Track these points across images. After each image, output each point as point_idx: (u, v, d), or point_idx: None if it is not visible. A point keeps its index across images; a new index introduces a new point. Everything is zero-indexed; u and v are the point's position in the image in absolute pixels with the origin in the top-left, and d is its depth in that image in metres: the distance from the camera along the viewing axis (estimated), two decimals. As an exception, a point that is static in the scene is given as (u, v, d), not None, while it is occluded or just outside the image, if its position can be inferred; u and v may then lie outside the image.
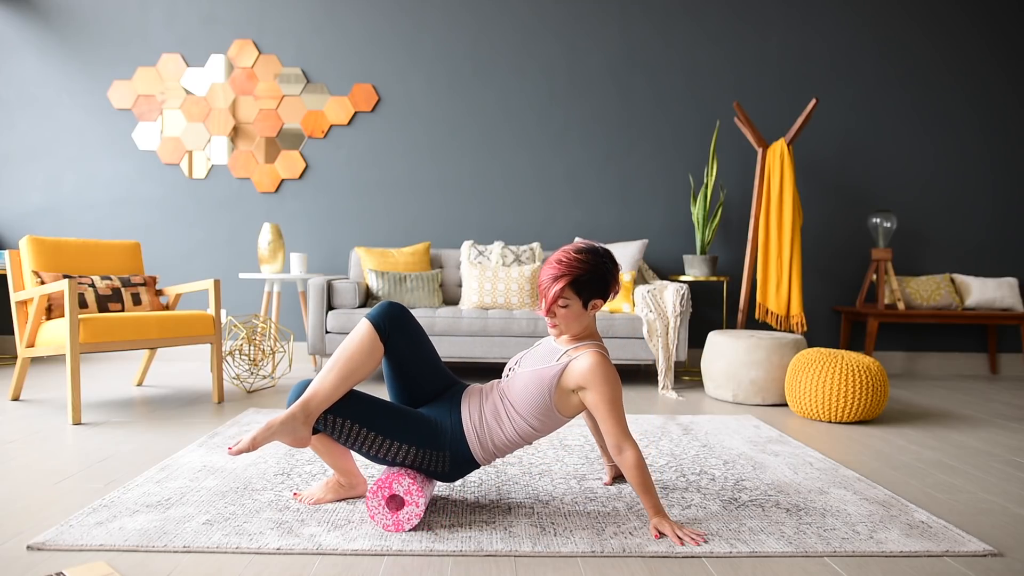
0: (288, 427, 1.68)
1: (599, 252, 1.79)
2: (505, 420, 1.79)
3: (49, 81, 4.62)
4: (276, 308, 4.24)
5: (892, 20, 4.76)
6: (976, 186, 4.82)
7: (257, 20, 4.65)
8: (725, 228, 4.77)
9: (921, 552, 1.63)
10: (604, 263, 1.77)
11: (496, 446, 1.81)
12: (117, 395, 3.45)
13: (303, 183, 4.70)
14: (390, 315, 1.81)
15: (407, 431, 1.75)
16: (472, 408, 1.81)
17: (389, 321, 1.80)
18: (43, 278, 3.14)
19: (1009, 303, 4.54)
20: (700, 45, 4.72)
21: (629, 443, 1.73)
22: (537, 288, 1.80)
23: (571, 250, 1.77)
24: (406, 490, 1.69)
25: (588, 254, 1.77)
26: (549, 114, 4.71)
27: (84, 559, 1.52)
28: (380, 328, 1.79)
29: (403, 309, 1.85)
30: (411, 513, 1.70)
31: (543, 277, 1.77)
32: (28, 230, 4.63)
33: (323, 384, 1.72)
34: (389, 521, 1.70)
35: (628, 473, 1.73)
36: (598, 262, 1.76)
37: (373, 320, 1.80)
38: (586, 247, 1.79)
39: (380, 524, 1.71)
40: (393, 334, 1.81)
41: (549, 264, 1.77)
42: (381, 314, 1.81)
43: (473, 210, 4.73)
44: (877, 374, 3.08)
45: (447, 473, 1.81)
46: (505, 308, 3.99)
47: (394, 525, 1.70)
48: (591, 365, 1.71)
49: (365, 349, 1.77)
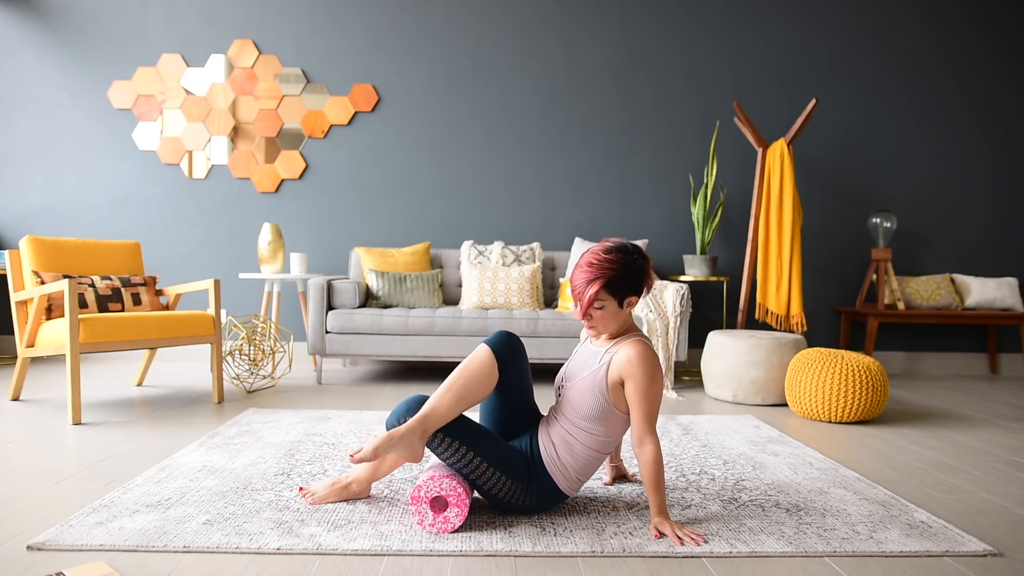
0: (407, 440, 1.70)
1: (628, 249, 1.78)
2: (575, 443, 1.80)
3: (49, 81, 4.62)
4: (276, 308, 4.24)
5: (892, 20, 4.76)
6: (976, 186, 4.82)
7: (257, 20, 4.65)
8: (725, 228, 4.77)
9: (921, 552, 1.63)
10: (635, 260, 1.77)
11: (578, 472, 1.82)
12: (117, 395, 3.45)
13: (303, 183, 4.70)
14: (509, 344, 1.82)
15: (505, 462, 1.77)
16: (545, 440, 1.83)
17: (507, 350, 1.82)
18: (43, 278, 3.14)
19: (1009, 303, 4.54)
20: (700, 45, 4.72)
21: (652, 438, 1.74)
22: (572, 293, 1.78)
23: (600, 251, 1.76)
24: (450, 490, 1.71)
25: (618, 253, 1.76)
26: (549, 114, 4.71)
27: (84, 559, 1.52)
28: (499, 355, 1.80)
29: (519, 341, 1.87)
30: (456, 513, 1.70)
31: (576, 282, 1.76)
32: (28, 230, 4.63)
33: (440, 403, 1.73)
34: (434, 522, 1.70)
35: (645, 468, 1.73)
36: (629, 260, 1.76)
37: (493, 347, 1.81)
38: (615, 246, 1.78)
39: (426, 527, 1.70)
40: (509, 363, 1.83)
41: (580, 268, 1.76)
42: (500, 342, 1.82)
43: (473, 210, 4.73)
44: (877, 374, 3.08)
45: (533, 506, 1.82)
46: (505, 308, 3.99)
47: (441, 525, 1.70)
48: (633, 354, 1.73)
49: (483, 374, 1.78)
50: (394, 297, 4.04)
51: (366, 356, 3.87)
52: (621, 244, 1.79)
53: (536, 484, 1.80)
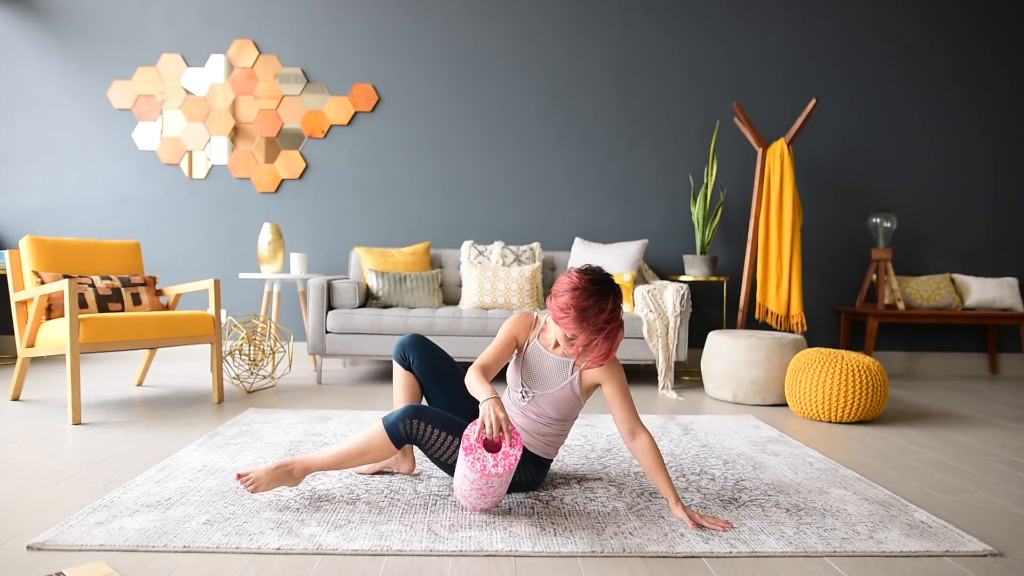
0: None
1: (615, 298, 1.78)
2: (548, 432, 1.98)
3: (49, 81, 4.62)
4: (276, 308, 4.24)
5: (892, 20, 4.76)
6: (976, 186, 4.82)
7: (257, 20, 4.65)
8: (725, 228, 4.77)
9: (921, 552, 1.63)
10: (618, 305, 1.80)
11: (553, 444, 2.00)
12: (117, 395, 3.45)
13: (303, 183, 4.70)
14: (404, 344, 2.07)
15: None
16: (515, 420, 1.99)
17: (406, 349, 2.06)
18: (43, 278, 3.14)
19: (1009, 303, 4.54)
20: (700, 45, 4.72)
21: (642, 427, 1.88)
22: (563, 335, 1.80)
23: (593, 310, 1.74)
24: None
25: (610, 303, 1.76)
26: (549, 114, 4.71)
27: (84, 559, 1.52)
28: (402, 359, 2.08)
29: (418, 336, 2.08)
30: (511, 442, 1.72)
31: (580, 336, 1.77)
32: (28, 230, 4.63)
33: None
34: (497, 462, 1.70)
35: (648, 454, 1.85)
36: (617, 309, 1.79)
37: (395, 355, 2.09)
38: (596, 294, 1.75)
39: (489, 469, 1.69)
40: (414, 359, 2.06)
41: (578, 322, 1.74)
42: (398, 346, 2.08)
43: (473, 210, 4.73)
44: (877, 374, 3.08)
45: (535, 479, 2.01)
46: (505, 308, 3.99)
47: (503, 462, 1.70)
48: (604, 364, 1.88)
49: (403, 382, 2.10)
50: (394, 297, 4.04)
51: (366, 356, 3.87)
52: (603, 291, 1.77)
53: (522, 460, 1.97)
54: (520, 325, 1.98)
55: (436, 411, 1.87)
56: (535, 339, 1.98)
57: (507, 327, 1.97)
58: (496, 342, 1.95)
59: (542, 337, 1.98)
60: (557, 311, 1.77)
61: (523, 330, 1.98)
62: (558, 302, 1.78)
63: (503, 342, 1.94)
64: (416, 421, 1.83)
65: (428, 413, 1.85)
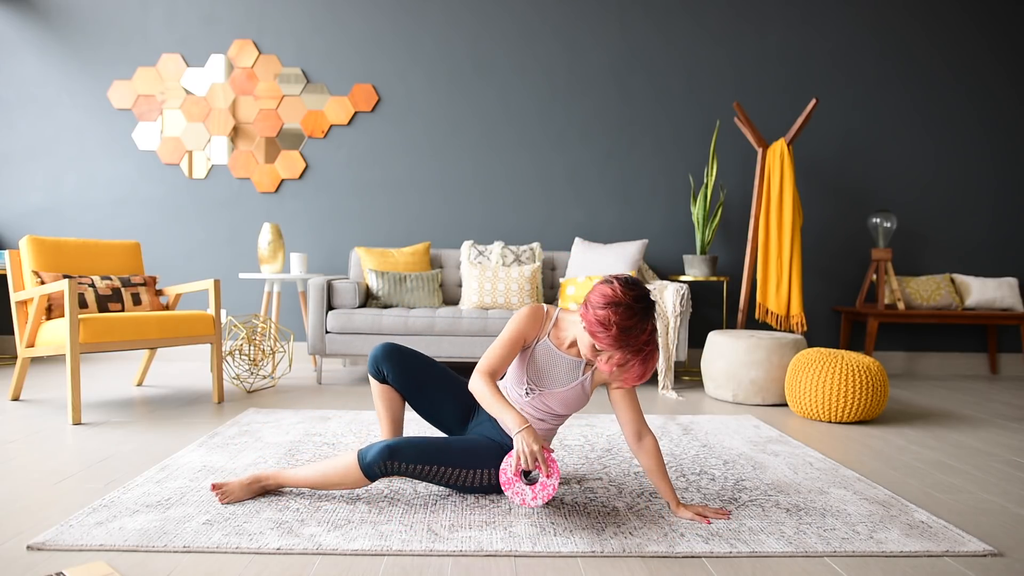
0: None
1: (653, 317, 1.73)
2: (548, 424, 1.95)
3: (49, 81, 4.62)
4: (276, 308, 4.24)
5: (892, 19, 4.76)
6: (976, 186, 4.82)
7: (257, 20, 4.65)
8: (725, 228, 4.77)
9: (921, 552, 1.63)
10: (655, 326, 1.75)
11: (549, 435, 1.99)
12: (117, 395, 3.45)
13: (303, 183, 4.70)
14: (376, 356, 2.00)
15: (473, 457, 1.86)
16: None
17: (378, 361, 2.00)
18: (43, 278, 3.14)
19: (1009, 303, 4.53)
20: (700, 45, 4.72)
21: (648, 430, 1.89)
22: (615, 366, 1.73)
23: (635, 330, 1.68)
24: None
25: (651, 324, 1.71)
26: (549, 114, 4.71)
27: (84, 559, 1.52)
28: (376, 374, 2.02)
29: (389, 345, 2.01)
30: (549, 472, 1.71)
31: (616, 354, 1.70)
32: (28, 230, 4.63)
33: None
34: (536, 495, 1.74)
35: (654, 457, 1.86)
36: (655, 330, 1.74)
37: (370, 370, 2.03)
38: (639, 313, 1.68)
39: (529, 503, 1.74)
40: (388, 371, 2.00)
41: (618, 341, 1.67)
42: (371, 359, 2.02)
43: (473, 210, 4.73)
44: (877, 374, 3.08)
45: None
46: (505, 308, 3.99)
47: (541, 493, 1.74)
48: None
49: (381, 396, 2.06)
50: (394, 297, 4.04)
51: (366, 356, 3.87)
52: (652, 314, 1.72)
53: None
54: (530, 323, 1.86)
55: (416, 445, 1.78)
56: (546, 337, 1.89)
57: (516, 324, 1.86)
58: (503, 340, 1.84)
59: (554, 335, 1.89)
60: (594, 324, 1.68)
61: (533, 328, 1.87)
62: (597, 315, 1.68)
63: (511, 340, 1.84)
64: (393, 463, 1.76)
65: (406, 452, 1.76)
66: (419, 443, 1.80)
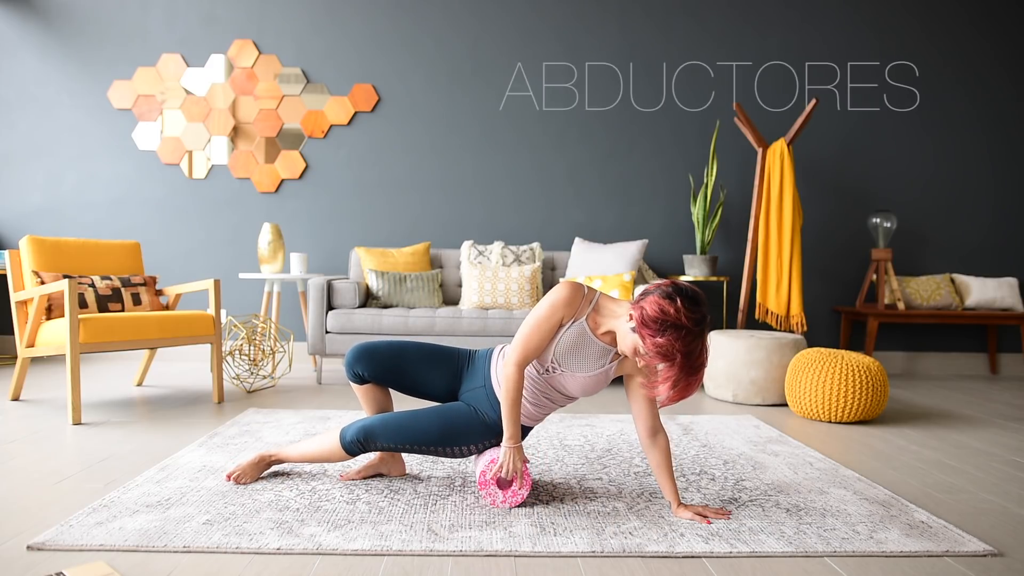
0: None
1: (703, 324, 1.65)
2: (552, 404, 1.94)
3: (49, 81, 4.62)
4: (276, 308, 4.24)
5: (892, 20, 4.76)
6: (976, 186, 4.82)
7: (257, 20, 4.65)
8: (725, 228, 4.77)
9: (921, 552, 1.63)
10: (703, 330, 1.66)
11: (545, 415, 1.98)
12: (117, 395, 3.45)
13: (303, 183, 4.70)
14: (349, 362, 2.02)
15: (457, 434, 1.92)
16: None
17: (352, 366, 2.02)
18: (43, 278, 3.14)
19: (1009, 303, 4.53)
20: (700, 45, 4.72)
21: (662, 426, 1.90)
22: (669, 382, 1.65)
23: (695, 354, 1.62)
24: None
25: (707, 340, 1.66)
26: (549, 113, 4.71)
27: (84, 559, 1.52)
28: (354, 377, 2.04)
29: (358, 348, 2.02)
30: (521, 484, 1.87)
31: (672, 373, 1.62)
32: (28, 230, 4.63)
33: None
34: (505, 498, 1.87)
35: (665, 455, 1.87)
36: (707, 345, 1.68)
37: (348, 375, 2.04)
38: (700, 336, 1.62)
39: (498, 504, 1.88)
40: (366, 372, 2.01)
41: (680, 367, 1.61)
42: (346, 365, 2.03)
43: (473, 210, 4.73)
44: (877, 374, 3.08)
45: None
46: (505, 308, 3.99)
47: (511, 499, 1.87)
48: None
49: (365, 396, 2.09)
50: (394, 297, 4.04)
51: (366, 356, 3.87)
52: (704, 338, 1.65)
53: (498, 426, 1.94)
54: (569, 305, 1.77)
55: (393, 427, 1.90)
56: (583, 319, 1.79)
57: (552, 307, 1.76)
58: (538, 323, 1.76)
59: (592, 318, 1.80)
60: (653, 347, 1.61)
61: (570, 310, 1.77)
62: (657, 341, 1.59)
63: (549, 325, 1.76)
64: (369, 442, 1.91)
65: (381, 433, 1.90)
66: (396, 424, 1.91)
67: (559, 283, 1.80)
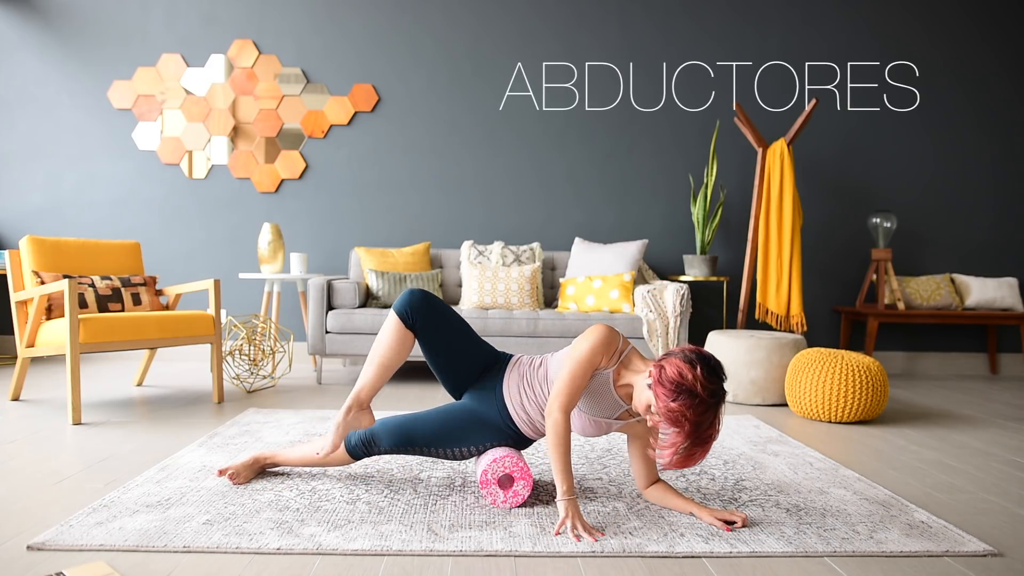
0: (354, 420, 1.90)
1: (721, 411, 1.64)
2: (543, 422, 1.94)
3: (49, 81, 4.62)
4: (276, 308, 4.24)
5: (892, 20, 4.76)
6: (976, 186, 4.82)
7: (257, 20, 4.65)
8: (725, 228, 4.77)
9: (921, 552, 1.63)
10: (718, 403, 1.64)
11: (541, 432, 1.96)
12: (117, 395, 3.45)
13: (303, 183, 4.70)
14: (411, 304, 1.91)
15: (461, 436, 1.94)
16: (513, 397, 1.93)
17: (412, 310, 1.91)
18: (43, 278, 3.14)
19: (1009, 303, 4.53)
20: (700, 45, 4.72)
21: (658, 475, 1.95)
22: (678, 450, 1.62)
23: (706, 424, 1.60)
24: (513, 467, 1.87)
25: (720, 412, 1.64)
26: (549, 113, 4.71)
27: (84, 559, 1.52)
28: (405, 318, 1.91)
29: (425, 295, 1.94)
30: (523, 485, 1.87)
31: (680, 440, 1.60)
32: (28, 230, 4.63)
33: (367, 379, 1.91)
34: (506, 498, 1.87)
35: (662, 490, 1.89)
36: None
37: (399, 311, 1.92)
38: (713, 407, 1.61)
39: (499, 504, 1.87)
40: (419, 320, 1.92)
41: (689, 435, 1.59)
42: (404, 303, 1.92)
43: (473, 210, 4.73)
44: (877, 374, 3.08)
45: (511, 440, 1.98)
46: (505, 308, 3.99)
47: (512, 499, 1.87)
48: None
49: (396, 341, 1.92)
50: (394, 297, 4.04)
51: (365, 356, 3.87)
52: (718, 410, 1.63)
53: (500, 437, 1.95)
54: (608, 346, 1.74)
55: (395, 432, 1.93)
56: (611, 369, 1.78)
57: (593, 350, 1.72)
58: (580, 370, 1.72)
59: (617, 371, 1.78)
60: (664, 410, 1.59)
61: (606, 357, 1.76)
62: (670, 405, 1.58)
63: (591, 367, 1.73)
64: (372, 447, 1.96)
65: (384, 440, 1.94)
66: (397, 426, 1.94)
67: (593, 326, 1.76)
